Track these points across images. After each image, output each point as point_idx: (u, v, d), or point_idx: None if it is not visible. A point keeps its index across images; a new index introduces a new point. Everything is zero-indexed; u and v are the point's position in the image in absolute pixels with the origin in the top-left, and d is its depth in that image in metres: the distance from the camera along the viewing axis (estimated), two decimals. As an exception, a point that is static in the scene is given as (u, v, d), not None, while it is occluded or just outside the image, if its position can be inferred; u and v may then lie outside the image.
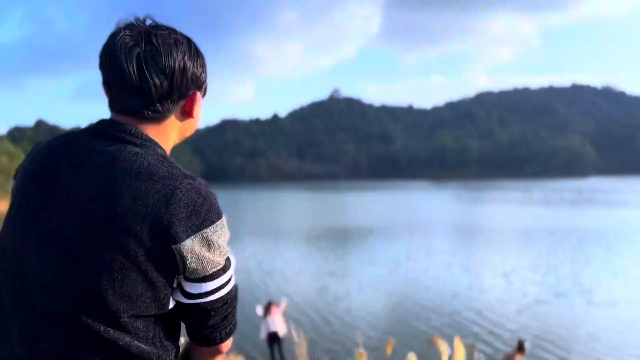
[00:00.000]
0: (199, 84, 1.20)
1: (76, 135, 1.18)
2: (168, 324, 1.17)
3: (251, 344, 10.77)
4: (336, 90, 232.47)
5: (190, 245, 1.09)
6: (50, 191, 1.12)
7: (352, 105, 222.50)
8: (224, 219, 1.16)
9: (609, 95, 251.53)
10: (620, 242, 25.27)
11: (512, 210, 46.04)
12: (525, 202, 56.77)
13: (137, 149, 1.12)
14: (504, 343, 10.99)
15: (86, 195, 1.08)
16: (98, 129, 1.16)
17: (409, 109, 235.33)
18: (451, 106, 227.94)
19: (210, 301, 1.16)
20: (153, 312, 1.11)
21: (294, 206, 57.98)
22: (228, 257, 1.19)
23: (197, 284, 1.14)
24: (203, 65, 1.21)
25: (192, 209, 1.09)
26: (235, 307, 1.23)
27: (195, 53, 1.19)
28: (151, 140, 1.15)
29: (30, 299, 1.09)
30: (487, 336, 11.53)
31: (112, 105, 1.18)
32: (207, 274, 1.13)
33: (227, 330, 1.23)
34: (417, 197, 67.40)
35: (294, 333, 9.84)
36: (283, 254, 22.88)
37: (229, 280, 1.19)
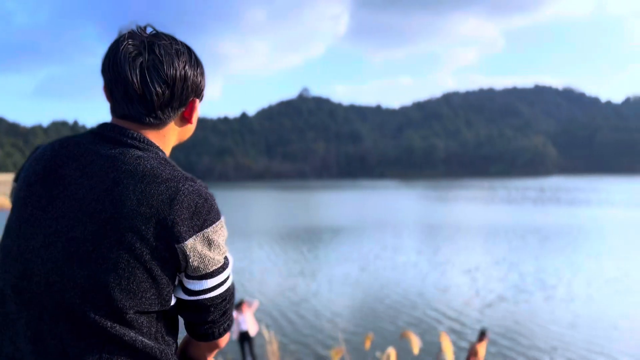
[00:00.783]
0: (198, 92, 1.25)
1: (79, 138, 1.21)
2: (168, 320, 1.21)
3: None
4: (305, 89, 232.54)
5: (193, 244, 1.14)
6: (55, 192, 1.15)
7: (321, 105, 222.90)
8: (222, 219, 1.21)
9: (570, 96, 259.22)
10: (580, 239, 26.16)
11: (477, 208, 47.04)
12: (489, 200, 58.06)
13: (140, 153, 1.17)
14: (468, 338, 11.29)
15: (91, 197, 1.12)
16: (101, 133, 1.20)
17: (378, 109, 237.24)
18: (418, 106, 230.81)
19: (211, 297, 1.21)
20: (156, 309, 1.15)
21: (263, 205, 57.78)
22: (226, 256, 1.24)
23: (198, 282, 1.19)
24: (202, 74, 1.25)
25: (194, 210, 1.14)
26: (233, 303, 1.28)
27: (195, 62, 1.23)
28: (153, 144, 1.20)
29: (37, 298, 1.12)
30: (452, 333, 11.82)
31: (114, 111, 1.22)
32: (208, 271, 1.18)
33: (225, 325, 1.29)
34: (385, 196, 68.09)
35: (265, 332, 9.91)
36: (252, 254, 22.83)
37: (228, 277, 1.24)
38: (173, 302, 1.20)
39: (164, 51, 1.17)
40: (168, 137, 1.25)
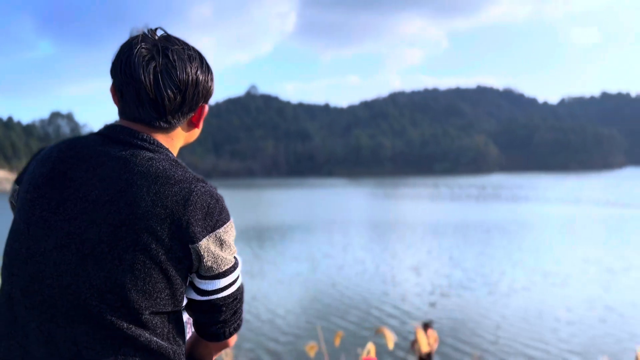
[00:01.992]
0: (207, 98, 1.26)
1: (86, 139, 1.21)
2: (178, 321, 1.21)
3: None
4: (253, 87, 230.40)
5: (206, 245, 1.15)
6: (66, 194, 1.14)
7: (270, 102, 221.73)
8: (232, 219, 1.23)
9: (510, 97, 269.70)
10: (520, 235, 27.25)
11: (422, 206, 48.13)
12: (434, 198, 59.54)
13: (151, 154, 1.17)
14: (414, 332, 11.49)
15: (105, 198, 1.12)
16: (109, 135, 1.20)
17: (326, 108, 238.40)
18: (366, 105, 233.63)
19: (223, 297, 1.22)
20: (169, 309, 1.16)
21: (211, 204, 56.72)
22: (235, 256, 1.26)
23: (211, 281, 1.20)
24: (212, 80, 1.26)
25: (207, 210, 1.16)
26: (242, 302, 1.29)
27: (206, 68, 1.24)
28: (162, 146, 1.21)
29: (49, 300, 1.11)
30: (399, 328, 12.01)
31: (124, 113, 1.22)
32: (221, 271, 1.20)
33: (236, 325, 1.29)
34: (334, 194, 68.53)
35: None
36: (199, 254, 22.40)
37: (238, 277, 1.26)
38: (184, 303, 1.21)
39: (177, 56, 1.18)
40: (176, 141, 1.26)
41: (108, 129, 1.22)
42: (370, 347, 4.17)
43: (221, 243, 1.19)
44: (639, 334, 11.56)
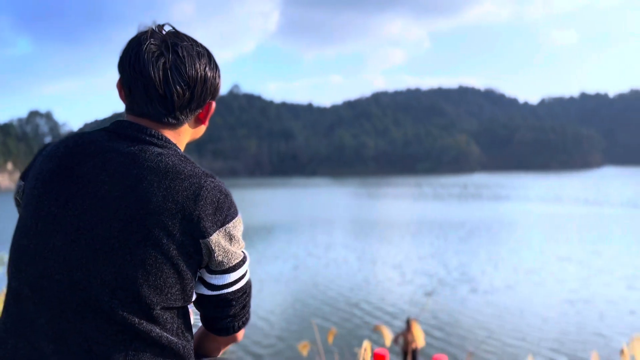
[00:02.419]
0: (215, 94, 1.26)
1: (93, 135, 1.20)
2: (186, 316, 1.21)
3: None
4: (236, 86, 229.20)
5: (217, 239, 1.16)
6: (74, 190, 1.14)
7: (253, 102, 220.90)
8: (240, 214, 1.23)
9: (491, 97, 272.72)
10: (501, 233, 27.58)
11: (405, 205, 48.43)
12: (417, 197, 59.94)
13: (160, 150, 1.17)
14: (397, 330, 11.58)
15: (115, 193, 1.12)
16: (116, 131, 1.20)
17: (309, 107, 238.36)
18: (349, 105, 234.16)
19: (233, 291, 1.23)
20: (180, 304, 1.16)
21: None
22: (244, 250, 1.26)
23: (221, 276, 1.21)
24: (220, 77, 1.27)
25: (217, 205, 1.16)
26: (251, 296, 1.30)
27: (214, 65, 1.25)
28: (170, 142, 1.21)
29: (59, 296, 1.10)
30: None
31: (132, 109, 1.22)
32: (231, 265, 1.21)
33: (244, 319, 1.30)
34: (317, 194, 68.57)
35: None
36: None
37: (247, 271, 1.27)
38: (194, 298, 1.22)
39: (186, 52, 1.18)
40: (183, 136, 1.26)
41: (115, 125, 1.21)
42: (367, 345, 4.21)
43: (231, 238, 1.20)
44: (617, 329, 11.80)
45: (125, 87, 1.21)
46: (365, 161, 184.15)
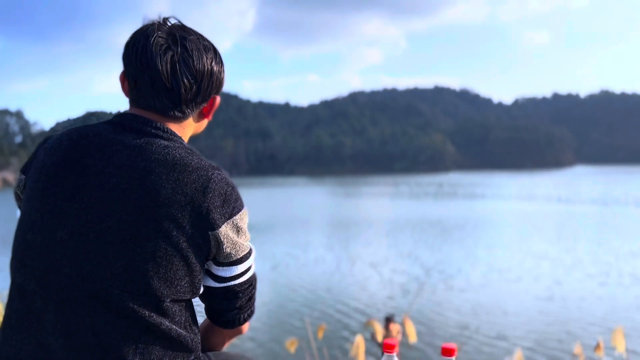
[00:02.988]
0: (219, 89, 1.26)
1: (97, 127, 1.19)
2: (192, 309, 1.21)
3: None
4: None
5: (225, 231, 1.16)
6: (81, 183, 1.12)
7: (229, 101, 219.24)
8: (245, 207, 1.25)
9: (466, 97, 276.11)
10: (476, 231, 27.92)
11: (382, 203, 48.72)
12: (394, 196, 60.33)
13: (166, 142, 1.17)
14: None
15: (123, 186, 1.11)
16: (121, 123, 1.19)
17: (287, 106, 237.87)
18: (326, 104, 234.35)
19: (240, 283, 1.23)
20: (187, 297, 1.16)
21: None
22: (249, 242, 1.27)
23: (229, 268, 1.21)
24: (224, 72, 1.27)
25: (225, 197, 1.17)
26: (256, 289, 1.31)
27: (220, 59, 1.25)
28: (176, 134, 1.21)
29: (67, 290, 1.09)
30: (359, 327, 12.12)
31: (137, 102, 1.21)
32: (238, 257, 1.21)
33: (250, 311, 1.30)
34: (295, 193, 68.46)
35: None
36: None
37: (253, 263, 1.27)
38: (201, 290, 1.21)
39: (194, 46, 1.18)
40: (187, 130, 1.26)
41: (120, 117, 1.20)
42: (359, 340, 4.21)
43: (238, 229, 1.20)
44: (591, 324, 12.03)
45: (131, 80, 1.20)
46: (342, 160, 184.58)
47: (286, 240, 25.81)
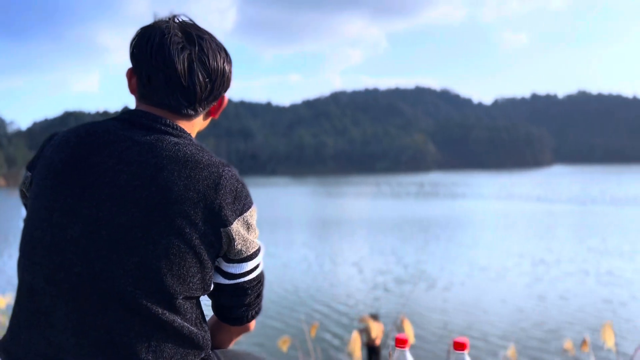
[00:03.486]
0: (227, 88, 1.27)
1: (106, 124, 1.18)
2: (200, 306, 1.21)
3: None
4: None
5: (237, 228, 1.16)
6: (90, 180, 1.12)
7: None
8: (254, 203, 1.25)
9: (447, 98, 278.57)
10: (457, 230, 28.13)
11: (364, 203, 48.83)
12: (376, 196, 60.54)
13: (176, 139, 1.17)
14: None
15: (135, 183, 1.10)
16: (130, 120, 1.19)
17: (268, 106, 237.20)
18: (308, 104, 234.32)
19: (249, 280, 1.23)
20: (199, 294, 1.16)
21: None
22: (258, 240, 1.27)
23: (239, 264, 1.21)
24: (232, 71, 1.28)
25: (236, 194, 1.17)
26: (264, 286, 1.31)
27: (230, 59, 1.26)
28: (185, 132, 1.21)
29: (78, 288, 1.08)
30: (341, 325, 12.08)
31: (150, 98, 1.20)
32: (249, 254, 1.21)
33: (257, 308, 1.30)
34: (277, 193, 68.25)
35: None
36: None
37: (262, 260, 1.28)
38: (212, 287, 1.21)
39: (209, 45, 1.19)
40: (195, 128, 1.27)
41: (129, 114, 1.20)
42: (356, 336, 4.16)
43: (248, 226, 1.20)
44: (571, 322, 12.17)
45: (144, 77, 1.19)
46: (324, 160, 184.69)
47: (268, 240, 25.67)
